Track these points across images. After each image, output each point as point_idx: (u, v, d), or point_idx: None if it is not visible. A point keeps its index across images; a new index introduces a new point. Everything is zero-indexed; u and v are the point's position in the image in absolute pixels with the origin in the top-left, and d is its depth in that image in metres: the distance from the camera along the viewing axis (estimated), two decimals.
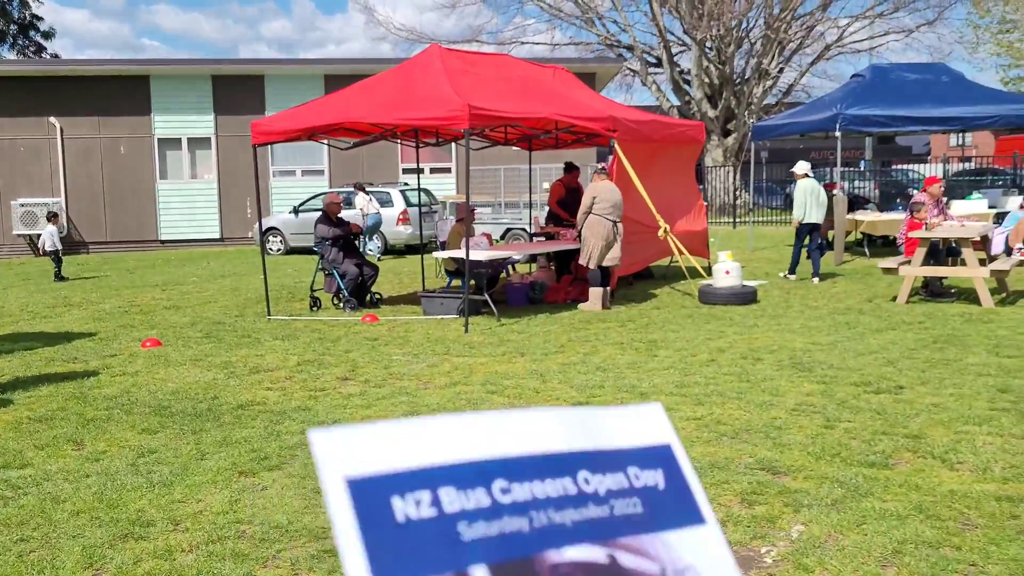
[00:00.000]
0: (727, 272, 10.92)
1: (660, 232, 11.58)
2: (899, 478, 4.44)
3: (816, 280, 12.61)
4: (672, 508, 0.72)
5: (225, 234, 24.59)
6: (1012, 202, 17.89)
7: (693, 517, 0.74)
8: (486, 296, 10.33)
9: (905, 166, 33.26)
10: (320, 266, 11.45)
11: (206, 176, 24.73)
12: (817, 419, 5.64)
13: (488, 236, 13.31)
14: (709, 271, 11.59)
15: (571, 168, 13.40)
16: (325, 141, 12.51)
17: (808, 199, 12.65)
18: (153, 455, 5.31)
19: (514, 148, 15.69)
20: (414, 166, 16.77)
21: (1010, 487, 4.27)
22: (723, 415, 5.80)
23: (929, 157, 43.78)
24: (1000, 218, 17.35)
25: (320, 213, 11.76)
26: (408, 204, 19.83)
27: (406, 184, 21.41)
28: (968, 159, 32.72)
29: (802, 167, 13.09)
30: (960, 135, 53.90)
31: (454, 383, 7.00)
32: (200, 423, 6.01)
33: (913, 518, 3.89)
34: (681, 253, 11.82)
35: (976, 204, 16.80)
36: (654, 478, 0.73)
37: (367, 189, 19.19)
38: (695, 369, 7.26)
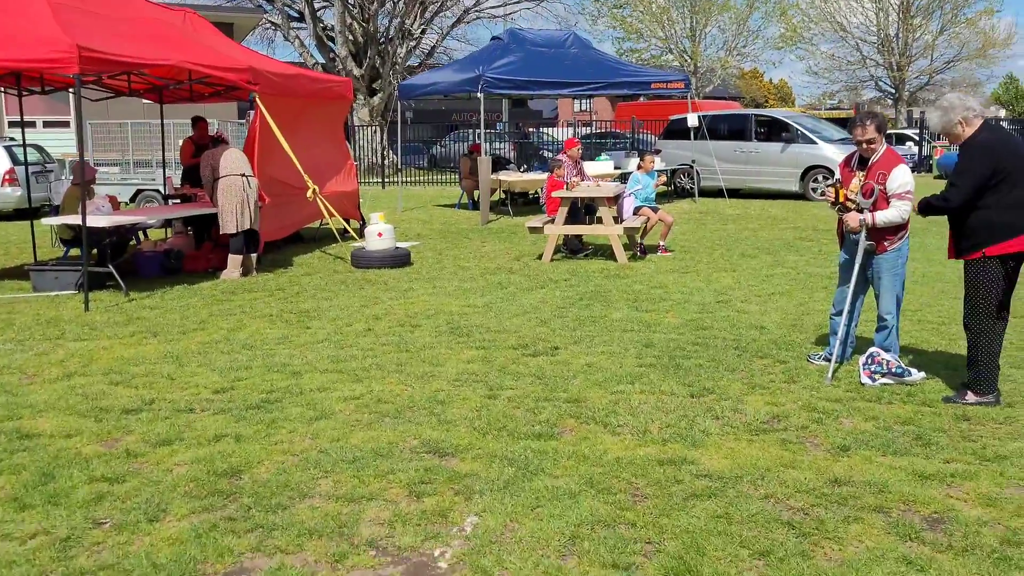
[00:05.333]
0: (380, 234, 10.54)
1: (309, 193, 10.92)
2: (566, 449, 4.31)
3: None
4: None
5: None
6: (632, 163, 19.47)
7: None
8: (111, 267, 9.04)
9: (538, 129, 35.18)
10: None
11: None
12: (480, 389, 5.43)
13: (113, 199, 11.76)
14: (362, 233, 11.16)
15: (196, 122, 12.24)
16: None
17: None
18: None
19: (144, 101, 14.05)
20: (25, 118, 14.42)
21: (669, 449, 4.31)
22: (383, 392, 5.39)
23: (559, 121, 46.88)
24: (624, 178, 18.82)
25: None
26: (15, 162, 17.12)
27: (12, 139, 18.51)
28: (590, 123, 35.36)
29: None
30: (584, 101, 58.54)
31: (68, 374, 5.90)
32: None
33: (585, 494, 3.75)
34: (332, 215, 11.25)
35: (604, 165, 18.03)
36: None
37: None
38: (351, 340, 6.78)
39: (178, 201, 12.41)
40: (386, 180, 25.46)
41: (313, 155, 11.95)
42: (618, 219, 11.10)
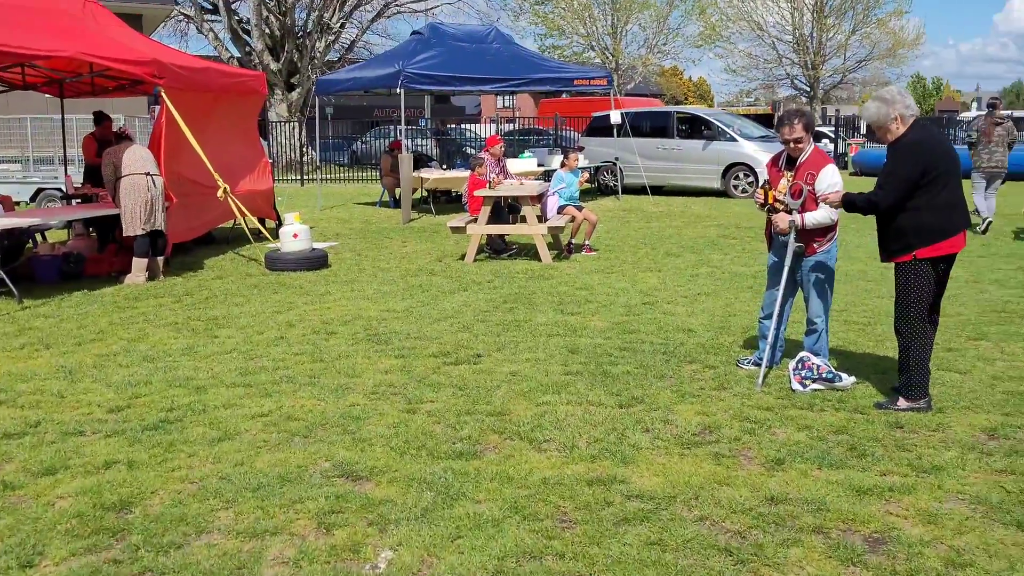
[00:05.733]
0: (295, 235, 10.12)
1: (219, 193, 10.42)
2: (490, 469, 4.04)
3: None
4: None
5: None
6: (556, 160, 19.31)
7: None
8: (1, 274, 8.43)
9: (461, 125, 34.84)
10: None
11: None
12: (398, 402, 5.13)
13: (7, 199, 11.09)
14: (277, 234, 10.71)
15: (101, 119, 11.62)
16: None
17: None
18: None
19: (46, 95, 13.32)
20: None
21: (599, 467, 4.06)
22: (294, 408, 5.04)
23: (482, 117, 46.54)
24: (548, 175, 18.64)
25: None
26: None
27: None
28: (513, 120, 35.13)
29: None
30: (507, 97, 58.34)
31: None
32: None
33: (510, 522, 3.48)
34: (244, 215, 10.77)
35: (527, 162, 17.81)
36: None
37: None
38: (262, 350, 6.39)
39: (80, 201, 11.75)
40: (305, 177, 24.82)
41: (224, 152, 11.43)
42: (542, 218, 10.88)
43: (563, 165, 11.20)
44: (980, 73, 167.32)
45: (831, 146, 30.23)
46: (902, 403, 4.81)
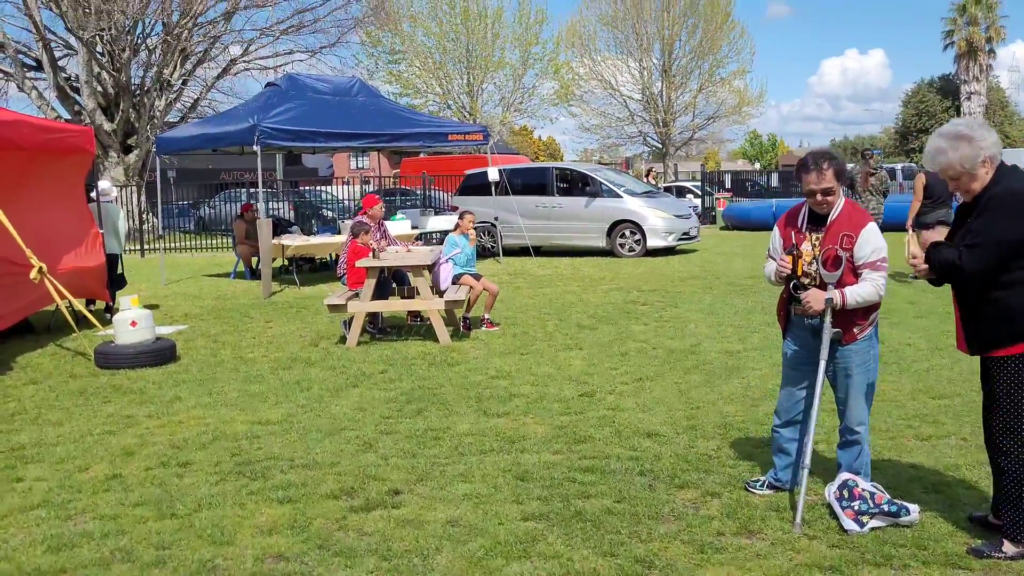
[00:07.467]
0: (133, 323, 8.16)
1: (33, 273, 8.39)
2: None
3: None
4: None
5: None
6: (432, 222, 17.83)
7: None
8: None
9: (317, 187, 32.91)
10: None
11: None
12: None
13: None
14: (109, 319, 8.71)
15: None
16: None
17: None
18: None
19: None
20: None
21: None
22: None
23: (336, 178, 44.59)
24: (424, 238, 17.13)
25: None
26: None
27: None
28: (370, 180, 33.48)
29: None
30: (360, 158, 56.62)
31: None
32: None
33: None
34: (63, 298, 8.73)
35: (401, 224, 16.22)
36: None
37: None
38: (85, 501, 4.53)
39: None
40: (146, 248, 22.30)
41: (42, 223, 9.36)
42: (435, 290, 9.35)
43: (457, 228, 9.72)
44: (800, 131, 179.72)
45: (697, 201, 30.06)
46: (1009, 548, 3.50)
